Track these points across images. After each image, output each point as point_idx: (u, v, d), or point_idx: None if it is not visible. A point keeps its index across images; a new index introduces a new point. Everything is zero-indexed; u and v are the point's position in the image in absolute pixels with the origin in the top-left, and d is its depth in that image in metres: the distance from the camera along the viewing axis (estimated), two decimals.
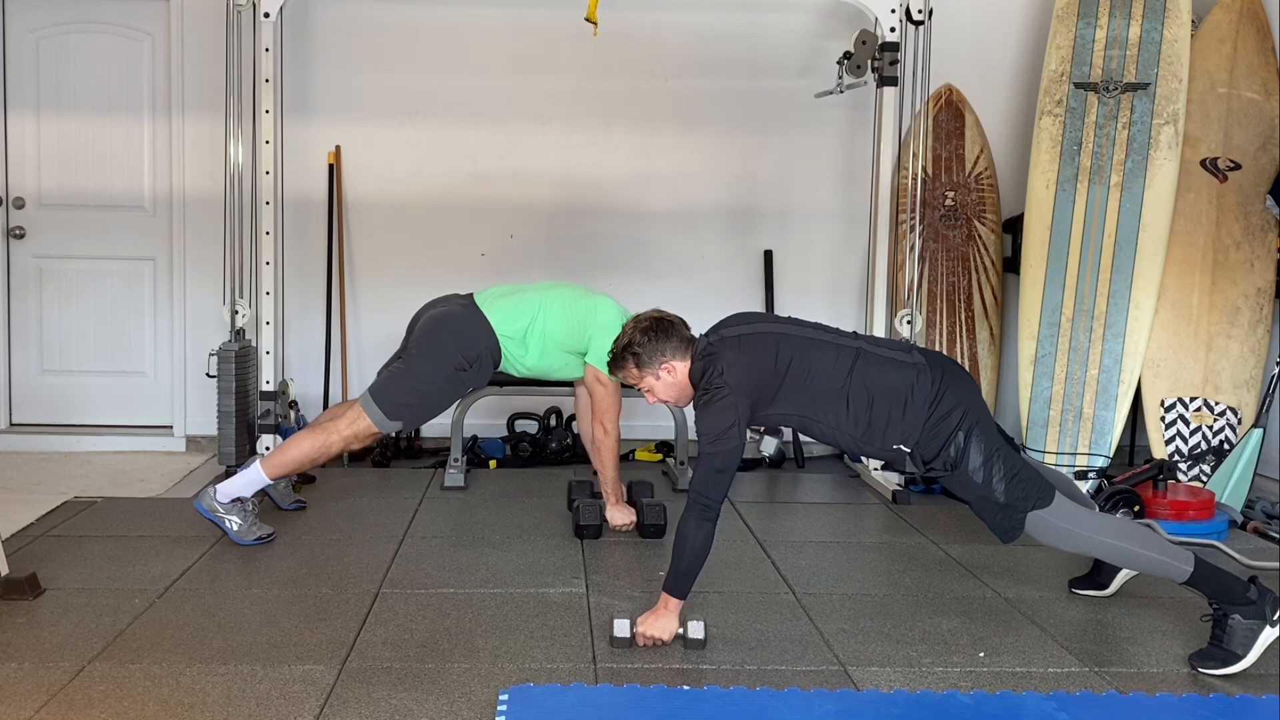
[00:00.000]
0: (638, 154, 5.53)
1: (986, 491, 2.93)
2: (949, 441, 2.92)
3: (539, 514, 4.28)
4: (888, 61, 4.89)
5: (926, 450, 2.96)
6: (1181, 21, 4.78)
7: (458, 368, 3.85)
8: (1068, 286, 4.83)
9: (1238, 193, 4.88)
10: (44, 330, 5.45)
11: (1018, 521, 2.92)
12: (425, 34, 5.42)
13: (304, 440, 3.81)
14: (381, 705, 2.53)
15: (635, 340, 3.08)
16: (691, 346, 3.08)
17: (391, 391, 3.83)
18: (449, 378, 3.86)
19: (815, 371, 2.96)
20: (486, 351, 3.89)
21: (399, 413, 3.82)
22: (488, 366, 3.93)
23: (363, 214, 5.47)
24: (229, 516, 3.75)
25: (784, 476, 5.16)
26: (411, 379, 3.85)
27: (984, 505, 2.96)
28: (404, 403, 3.82)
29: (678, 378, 3.07)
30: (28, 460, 5.07)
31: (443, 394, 3.92)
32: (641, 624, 2.89)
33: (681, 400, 3.14)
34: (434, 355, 3.86)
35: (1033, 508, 2.90)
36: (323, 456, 3.81)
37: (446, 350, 3.85)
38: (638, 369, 3.08)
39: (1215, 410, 4.81)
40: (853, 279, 5.58)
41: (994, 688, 2.71)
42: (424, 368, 3.85)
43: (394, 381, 3.87)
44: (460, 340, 3.87)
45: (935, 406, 2.93)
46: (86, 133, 5.36)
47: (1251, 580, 2.86)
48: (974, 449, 2.92)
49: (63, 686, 2.59)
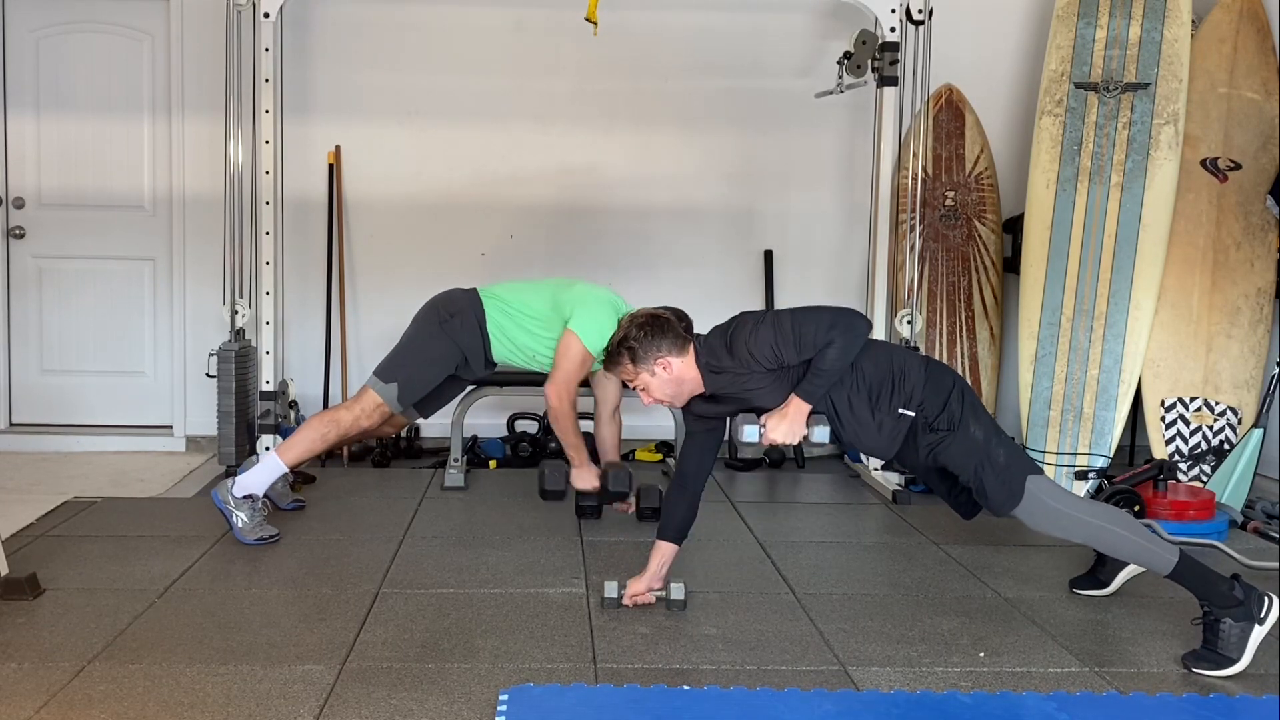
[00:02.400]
0: (638, 154, 5.53)
1: (987, 452, 2.97)
2: (949, 398, 3.00)
3: (539, 514, 4.28)
4: (888, 61, 4.89)
5: (930, 408, 2.99)
6: (1181, 21, 4.78)
7: (440, 320, 4.00)
8: (1068, 286, 4.83)
9: (1238, 193, 4.88)
10: (44, 330, 5.45)
11: (1018, 486, 2.95)
12: (425, 34, 5.42)
13: (312, 421, 3.96)
14: (381, 705, 2.53)
15: (631, 335, 3.07)
16: (688, 345, 3.09)
17: (386, 361, 4.02)
18: (434, 333, 3.99)
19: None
20: (469, 308, 4.01)
21: (393, 375, 3.95)
22: (471, 322, 4.00)
23: (363, 214, 5.47)
24: (238, 511, 3.78)
25: (784, 476, 5.16)
26: (401, 344, 4.04)
27: (984, 470, 2.98)
28: (396, 365, 3.98)
29: (674, 374, 3.07)
30: (28, 460, 5.07)
31: (432, 352, 4.01)
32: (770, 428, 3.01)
33: (678, 398, 3.13)
34: (419, 322, 4.06)
35: (1030, 473, 2.97)
36: (333, 433, 3.92)
37: (428, 315, 4.05)
38: (633, 364, 3.08)
39: (1215, 410, 4.81)
40: (853, 279, 5.57)
41: (994, 688, 2.71)
42: (411, 332, 4.04)
43: (389, 354, 4.05)
44: (442, 302, 4.06)
45: (929, 367, 3.08)
46: (86, 133, 5.36)
47: (1234, 578, 2.87)
48: (969, 411, 3.00)
49: (63, 686, 2.59)
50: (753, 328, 3.01)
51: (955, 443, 2.99)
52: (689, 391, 3.11)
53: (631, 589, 3.20)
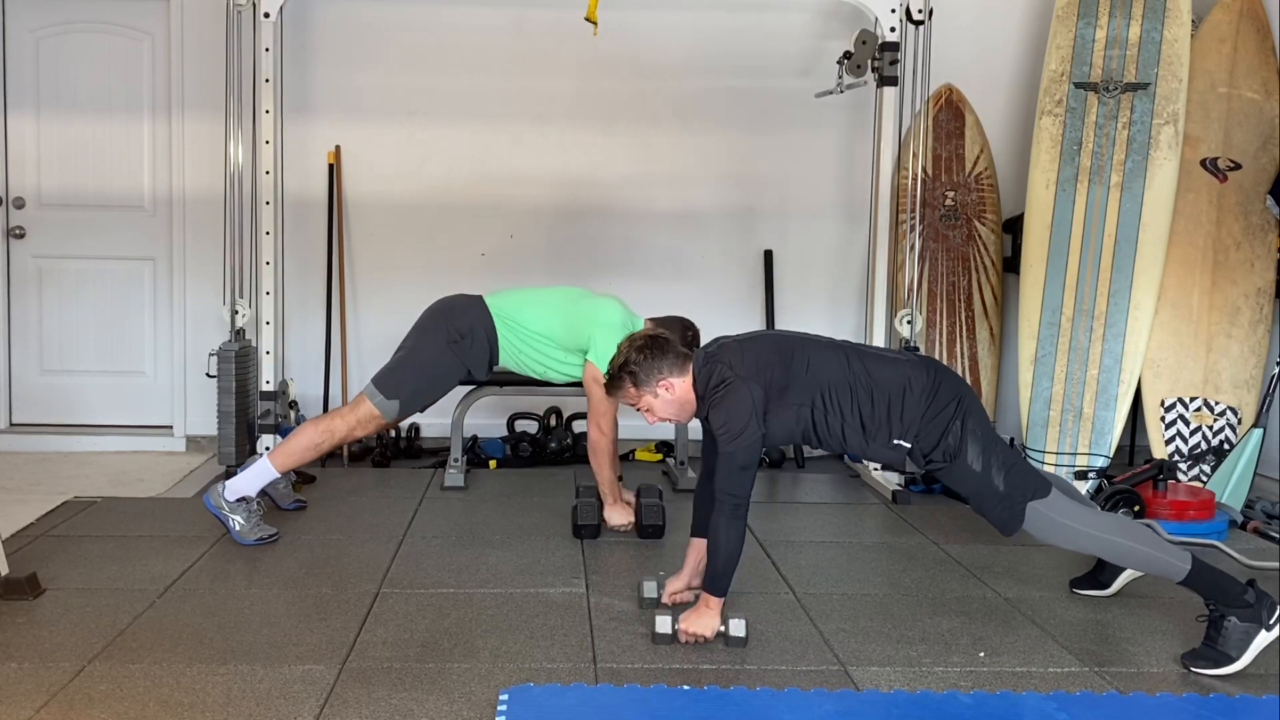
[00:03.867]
0: (638, 154, 5.53)
1: (985, 481, 2.95)
2: (947, 431, 2.95)
3: (539, 514, 4.28)
4: (888, 61, 4.89)
5: (925, 442, 2.97)
6: (1181, 21, 4.78)
7: (450, 340, 3.91)
8: (1068, 286, 4.83)
9: (1238, 193, 4.88)
10: (44, 330, 5.45)
11: (1018, 512, 2.93)
12: (425, 34, 5.42)
13: (307, 428, 3.89)
14: (381, 705, 2.53)
15: (631, 359, 3.04)
16: (688, 362, 3.07)
17: (389, 373, 3.93)
18: (442, 351, 3.91)
19: (819, 363, 3.02)
20: (480, 326, 3.95)
21: (396, 391, 3.87)
22: (482, 343, 3.95)
23: (363, 214, 5.47)
24: (233, 515, 3.77)
25: (784, 476, 5.16)
26: (406, 357, 3.95)
27: (984, 497, 2.97)
28: (400, 380, 3.89)
29: (676, 394, 3.05)
30: (28, 460, 5.07)
31: (439, 370, 3.95)
32: (684, 622, 2.93)
33: (682, 416, 3.11)
34: (426, 333, 3.96)
35: (1032, 498, 2.93)
36: (327, 443, 3.85)
37: (437, 327, 3.95)
38: (635, 388, 3.05)
39: (1215, 410, 4.81)
40: (853, 279, 5.58)
41: (994, 688, 2.71)
42: (417, 345, 3.95)
43: (391, 364, 3.97)
44: (451, 315, 3.97)
45: (933, 398, 2.97)
46: (86, 133, 5.36)
47: (1250, 583, 2.86)
48: (970, 439, 2.95)
49: (63, 686, 2.59)
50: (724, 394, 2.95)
51: (953, 473, 3.00)
52: (693, 410, 3.08)
53: (670, 588, 3.21)
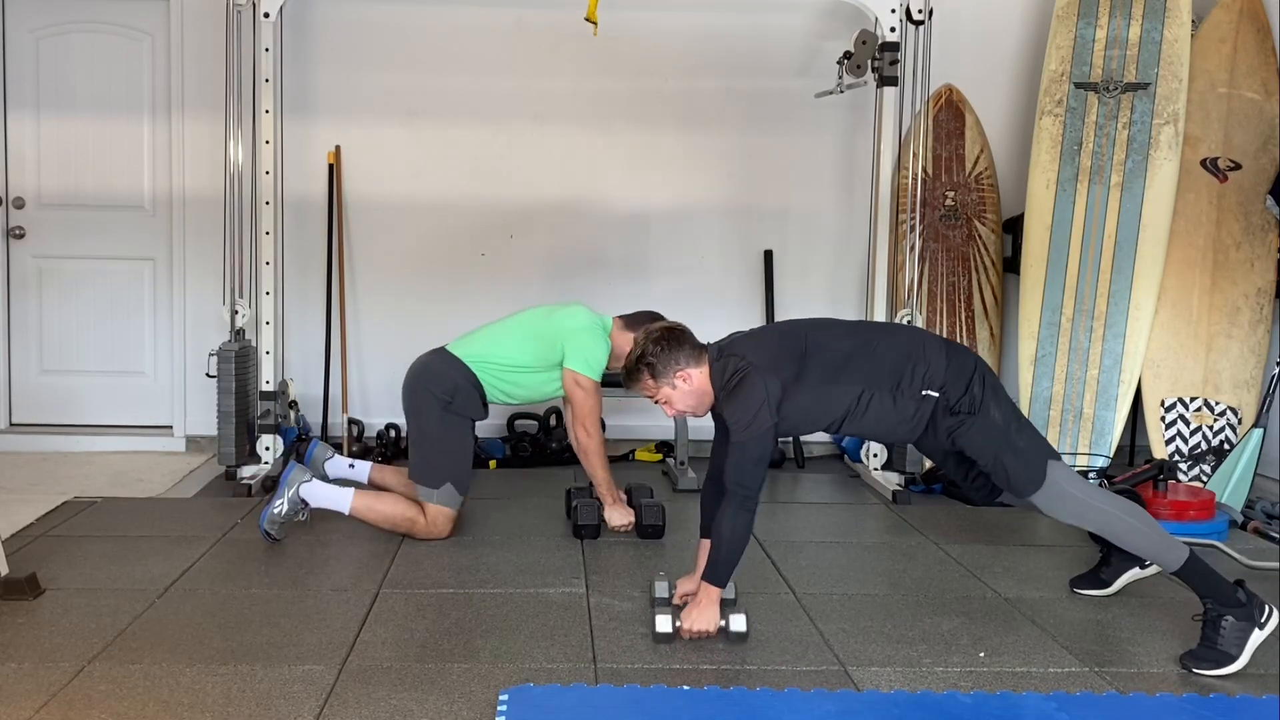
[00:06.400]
0: (638, 154, 5.53)
1: (1006, 436, 2.98)
2: (972, 380, 2.99)
3: (539, 514, 4.28)
4: (888, 61, 4.89)
5: (952, 392, 2.98)
6: (1181, 21, 4.78)
7: (442, 405, 3.89)
8: (1068, 286, 4.83)
9: (1238, 193, 4.88)
10: (44, 330, 5.45)
11: (1038, 471, 2.96)
12: (425, 34, 5.41)
13: (398, 509, 3.85)
14: (381, 705, 2.53)
15: (649, 350, 3.04)
16: (704, 354, 3.06)
17: (420, 467, 3.91)
18: (441, 419, 3.90)
19: (832, 341, 3.05)
20: (462, 380, 3.92)
21: (439, 479, 3.86)
22: (471, 394, 3.94)
23: (363, 214, 5.47)
24: (285, 500, 3.77)
25: (784, 476, 5.16)
26: (421, 444, 3.93)
27: (1004, 452, 2.99)
28: (434, 469, 3.87)
29: (694, 385, 3.04)
30: (28, 460, 5.07)
31: (453, 439, 3.92)
32: (685, 619, 2.93)
33: (700, 408, 3.10)
34: (420, 413, 3.93)
35: (1050, 457, 2.99)
36: (402, 531, 3.85)
37: (424, 398, 3.92)
38: (654, 380, 3.04)
39: (1215, 410, 4.81)
40: (853, 279, 5.57)
41: (994, 688, 2.71)
42: (422, 429, 3.93)
43: (414, 458, 3.95)
44: (431, 380, 3.93)
45: (950, 348, 3.07)
46: (86, 133, 5.36)
47: (1239, 583, 2.89)
48: (992, 393, 3.01)
49: (63, 686, 2.59)
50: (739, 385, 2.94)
51: (976, 426, 2.99)
52: (711, 401, 3.07)
53: (682, 588, 3.19)
